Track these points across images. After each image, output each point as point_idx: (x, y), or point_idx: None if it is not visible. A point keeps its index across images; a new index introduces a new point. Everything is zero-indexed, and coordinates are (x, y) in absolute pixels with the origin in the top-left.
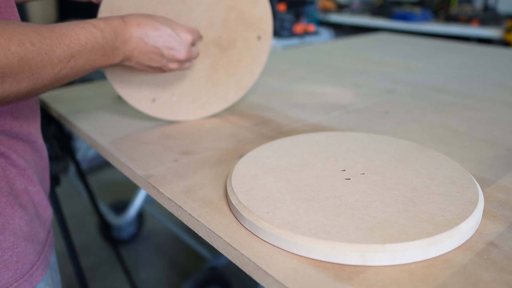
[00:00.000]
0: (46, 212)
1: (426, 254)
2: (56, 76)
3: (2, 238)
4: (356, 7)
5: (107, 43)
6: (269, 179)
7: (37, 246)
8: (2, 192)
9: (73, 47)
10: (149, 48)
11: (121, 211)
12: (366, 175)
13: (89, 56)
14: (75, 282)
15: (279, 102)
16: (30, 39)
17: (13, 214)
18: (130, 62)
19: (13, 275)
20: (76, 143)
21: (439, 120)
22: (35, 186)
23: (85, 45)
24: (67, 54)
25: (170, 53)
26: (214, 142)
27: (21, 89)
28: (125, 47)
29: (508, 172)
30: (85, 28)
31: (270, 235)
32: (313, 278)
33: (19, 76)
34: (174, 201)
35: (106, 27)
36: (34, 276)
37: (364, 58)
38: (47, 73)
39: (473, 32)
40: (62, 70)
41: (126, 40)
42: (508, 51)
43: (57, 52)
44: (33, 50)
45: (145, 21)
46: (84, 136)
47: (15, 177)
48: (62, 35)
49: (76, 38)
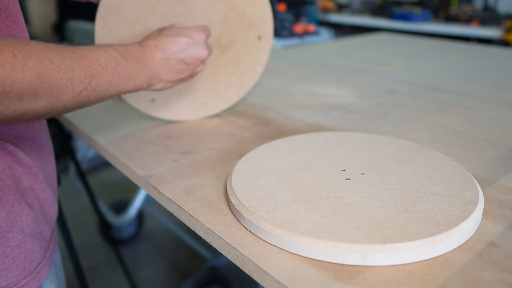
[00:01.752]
0: (51, 209)
1: (426, 254)
2: (77, 97)
3: (11, 236)
4: (356, 7)
5: (129, 67)
6: (269, 179)
7: (43, 243)
8: (9, 190)
9: (93, 68)
10: (174, 64)
11: (121, 211)
12: (366, 175)
13: (111, 78)
14: (75, 282)
15: (279, 102)
16: (50, 57)
17: (20, 212)
18: (160, 84)
19: (22, 272)
20: (76, 143)
21: (439, 120)
22: (41, 184)
23: (106, 66)
24: (88, 75)
25: (194, 59)
26: (214, 142)
27: (40, 108)
28: (149, 70)
29: (508, 172)
30: (105, 51)
31: (270, 235)
32: (313, 278)
33: (37, 94)
34: (174, 201)
35: (126, 52)
36: (41, 274)
37: (364, 58)
38: (67, 93)
39: (473, 32)
40: (83, 92)
41: (148, 63)
42: (508, 51)
43: (77, 72)
44: (52, 68)
45: (161, 40)
46: (84, 136)
47: (21, 175)
48: (82, 56)
49: (96, 59)
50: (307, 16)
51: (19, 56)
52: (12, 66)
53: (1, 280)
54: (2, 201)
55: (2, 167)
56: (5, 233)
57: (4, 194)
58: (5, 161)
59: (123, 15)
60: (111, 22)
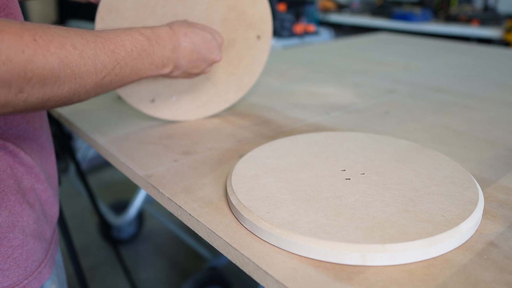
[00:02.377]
0: (52, 209)
1: (426, 254)
2: (100, 83)
3: (12, 236)
4: (356, 7)
5: (155, 52)
6: (269, 179)
7: (44, 244)
8: (11, 191)
9: (118, 53)
10: (196, 56)
11: (121, 211)
12: (366, 175)
13: (135, 64)
14: (75, 282)
15: (279, 102)
16: (72, 41)
17: (22, 212)
18: (177, 71)
19: (23, 272)
20: (76, 143)
21: (439, 120)
22: (42, 184)
23: (131, 52)
24: (112, 60)
25: (210, 58)
26: (214, 142)
27: (63, 94)
28: (174, 55)
29: (508, 172)
30: (131, 35)
31: (270, 235)
32: (313, 278)
33: (60, 79)
34: (174, 201)
35: (153, 36)
36: (42, 274)
37: (364, 58)
38: (90, 79)
39: (473, 32)
40: (106, 77)
41: (175, 48)
42: (508, 51)
43: (101, 57)
44: (75, 53)
45: (191, 29)
46: (84, 136)
47: (22, 175)
48: (107, 40)
49: (122, 44)
50: (307, 16)
51: (40, 40)
52: (33, 51)
53: (3, 281)
54: (4, 201)
55: (3, 167)
56: (7, 233)
57: (6, 194)
58: (6, 161)
59: (123, 15)
60: (111, 22)
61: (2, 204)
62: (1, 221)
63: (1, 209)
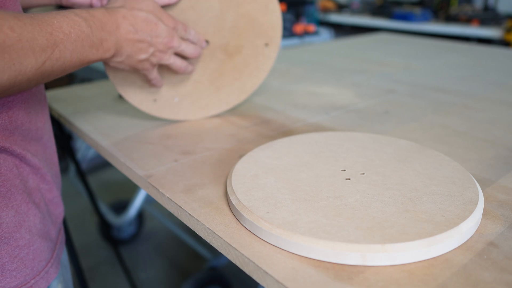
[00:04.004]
0: (57, 209)
1: (426, 254)
2: (41, 69)
3: (19, 235)
4: (356, 7)
5: (93, 33)
6: (269, 179)
7: (50, 243)
8: (17, 190)
9: (56, 35)
10: (138, 38)
11: (121, 211)
12: (366, 175)
13: (74, 47)
14: (75, 282)
15: (279, 102)
16: (9, 24)
17: (28, 212)
18: (121, 57)
19: (30, 272)
20: (76, 143)
21: (439, 120)
22: (48, 184)
23: (69, 34)
24: (51, 43)
25: (157, 41)
26: (214, 142)
27: (3, 83)
28: (113, 38)
29: (508, 172)
30: (67, 17)
31: (270, 235)
32: (313, 278)
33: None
34: (174, 201)
35: (90, 17)
36: (49, 273)
37: (364, 58)
38: (30, 64)
39: (473, 32)
40: (46, 62)
41: (113, 30)
42: (508, 51)
43: (40, 40)
44: (13, 37)
45: (130, 12)
46: (84, 136)
47: (28, 174)
48: (43, 22)
49: (59, 26)
50: (307, 16)
51: None
52: None
53: (10, 281)
54: (10, 200)
55: (10, 166)
56: (13, 233)
57: (12, 194)
58: (12, 161)
59: None
60: None
61: (8, 204)
62: (8, 221)
63: (8, 209)
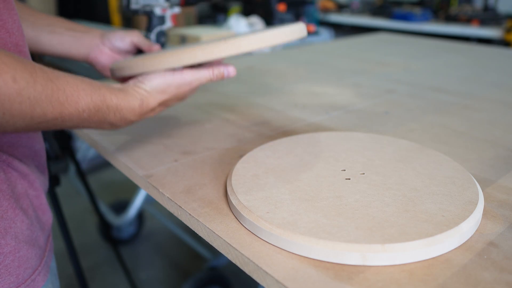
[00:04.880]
0: (45, 215)
1: (426, 254)
2: (35, 127)
3: (4, 242)
4: (356, 7)
5: (107, 119)
6: (269, 179)
7: (38, 250)
8: (4, 195)
9: (66, 108)
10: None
11: (121, 211)
12: (366, 175)
13: (79, 122)
14: (75, 282)
15: (279, 102)
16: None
17: (15, 218)
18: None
19: (15, 280)
20: (76, 143)
21: (439, 120)
22: (36, 190)
23: (81, 112)
24: (56, 112)
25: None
26: (214, 142)
27: None
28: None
29: (508, 172)
30: (92, 98)
31: (270, 235)
32: (313, 278)
33: None
34: (174, 201)
35: (116, 109)
36: (36, 282)
37: (364, 58)
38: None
39: (473, 32)
40: (42, 123)
41: (132, 121)
42: (508, 51)
43: (44, 105)
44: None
45: (159, 108)
46: (84, 136)
47: (16, 180)
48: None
49: (75, 101)
50: (307, 16)
51: None
52: None
53: None
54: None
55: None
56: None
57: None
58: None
59: None
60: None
61: None
62: None
63: None
